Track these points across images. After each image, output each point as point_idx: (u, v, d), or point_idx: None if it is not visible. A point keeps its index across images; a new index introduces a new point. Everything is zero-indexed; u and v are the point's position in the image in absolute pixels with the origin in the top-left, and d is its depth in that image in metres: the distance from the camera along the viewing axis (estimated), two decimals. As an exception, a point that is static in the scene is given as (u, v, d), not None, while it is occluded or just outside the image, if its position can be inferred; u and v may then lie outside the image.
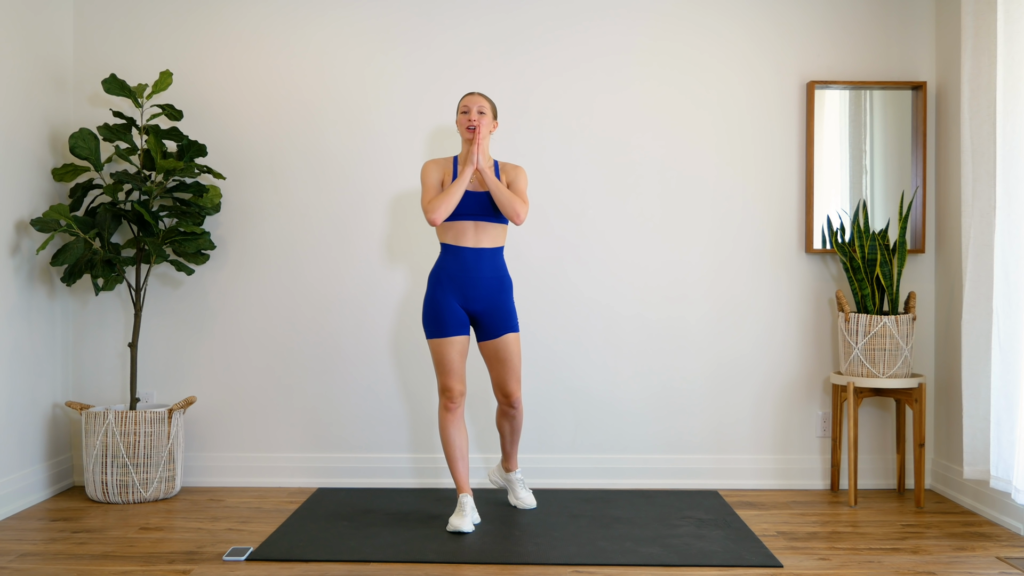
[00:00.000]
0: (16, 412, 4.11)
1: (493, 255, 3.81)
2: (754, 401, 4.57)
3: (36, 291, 4.26)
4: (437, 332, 3.76)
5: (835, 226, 4.49)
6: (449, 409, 3.78)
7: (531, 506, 4.06)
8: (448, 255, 3.79)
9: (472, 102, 3.80)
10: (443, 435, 3.80)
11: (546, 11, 4.55)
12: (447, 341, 3.74)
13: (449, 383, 3.76)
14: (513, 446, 4.04)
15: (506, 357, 3.82)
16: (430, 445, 4.53)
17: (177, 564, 3.34)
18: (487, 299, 3.78)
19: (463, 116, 3.80)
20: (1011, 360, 3.66)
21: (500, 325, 3.80)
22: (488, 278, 3.79)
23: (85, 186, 4.33)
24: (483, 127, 3.77)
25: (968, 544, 3.64)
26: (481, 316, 3.80)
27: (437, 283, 3.78)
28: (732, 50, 4.55)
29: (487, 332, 3.82)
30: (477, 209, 3.74)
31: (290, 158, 4.56)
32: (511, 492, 4.10)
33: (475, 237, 3.77)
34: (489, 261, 3.79)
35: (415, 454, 4.54)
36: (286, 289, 4.56)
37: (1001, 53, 3.68)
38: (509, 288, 3.85)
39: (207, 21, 4.57)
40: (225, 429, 4.56)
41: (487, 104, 3.83)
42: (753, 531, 3.77)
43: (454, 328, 3.75)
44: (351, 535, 3.67)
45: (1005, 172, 3.69)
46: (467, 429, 4.02)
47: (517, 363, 3.85)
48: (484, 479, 4.44)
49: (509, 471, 4.10)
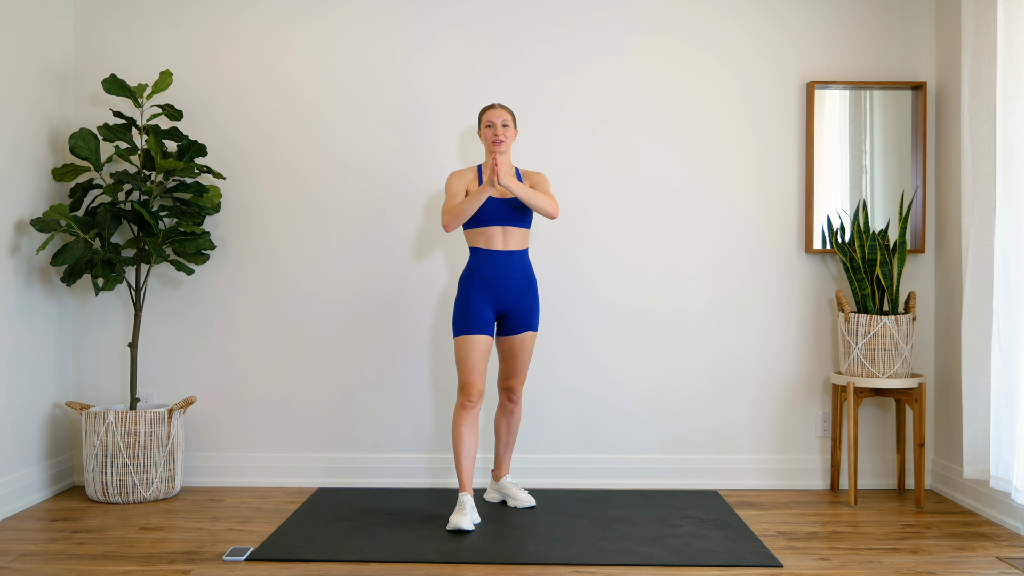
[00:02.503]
0: (16, 412, 4.11)
1: (522, 257, 3.95)
2: (754, 401, 4.57)
3: (36, 291, 4.26)
4: (465, 330, 3.86)
5: (835, 226, 4.49)
6: (466, 407, 3.83)
7: (530, 503, 4.09)
8: (479, 259, 3.91)
9: (496, 116, 3.92)
10: (456, 432, 3.84)
11: (547, 10, 4.55)
12: (473, 339, 3.84)
13: (471, 378, 3.83)
14: (507, 450, 4.13)
15: (520, 352, 3.98)
16: (430, 445, 4.53)
17: (177, 564, 3.34)
18: (516, 298, 3.93)
19: (487, 130, 3.93)
20: (1011, 360, 3.66)
21: (524, 322, 3.96)
22: (518, 278, 3.93)
23: (85, 186, 4.33)
24: (508, 141, 3.91)
25: (968, 544, 3.64)
26: (509, 314, 3.94)
27: (470, 285, 3.90)
28: (732, 50, 4.55)
29: (510, 328, 3.95)
30: (504, 215, 3.88)
31: (290, 158, 4.56)
32: (508, 496, 4.14)
33: (504, 240, 3.90)
34: (519, 262, 3.94)
35: (415, 454, 4.54)
36: (286, 289, 4.56)
37: (1001, 53, 3.68)
38: (535, 287, 4.02)
39: (207, 21, 4.57)
40: (225, 429, 4.56)
41: (509, 116, 3.96)
42: (753, 531, 3.77)
43: (480, 327, 3.86)
44: (351, 535, 3.67)
45: (1005, 172, 3.69)
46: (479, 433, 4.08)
47: (527, 360, 4.01)
48: (484, 480, 4.43)
49: (499, 479, 4.16)
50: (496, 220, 3.89)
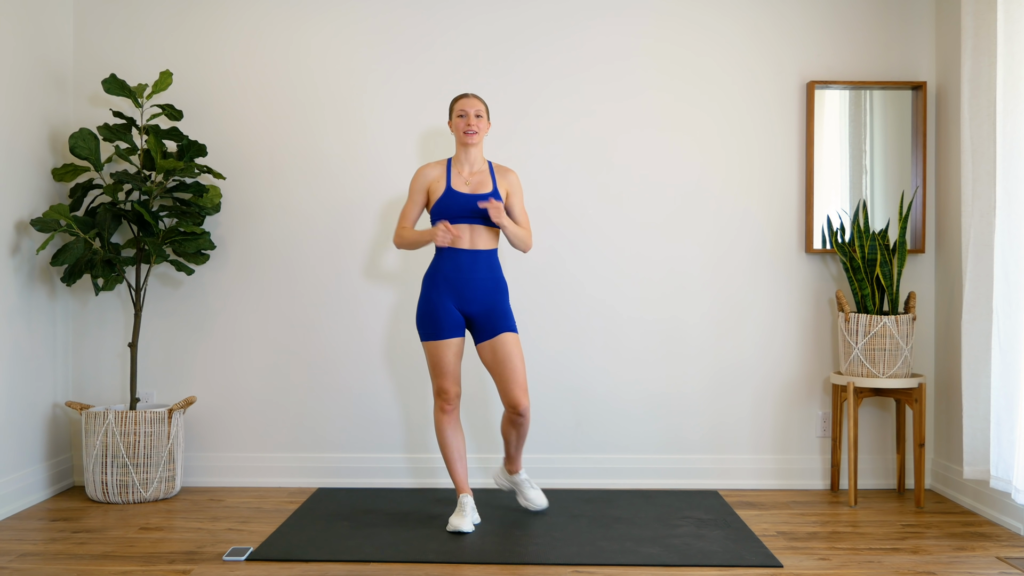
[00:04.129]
0: (16, 412, 4.11)
1: (488, 257, 3.80)
2: (754, 401, 4.57)
3: (36, 291, 4.26)
4: (432, 335, 3.75)
5: (835, 226, 4.49)
6: (445, 411, 3.78)
7: (542, 505, 3.97)
8: (443, 257, 3.78)
9: (469, 106, 3.80)
10: (440, 437, 3.80)
11: (547, 12, 4.55)
12: (442, 344, 3.74)
13: (445, 385, 3.76)
14: (518, 451, 3.96)
15: (505, 357, 3.73)
16: (430, 445, 4.53)
17: (177, 564, 3.34)
18: (483, 300, 3.77)
19: (460, 120, 3.80)
20: (1011, 360, 3.66)
21: (496, 325, 3.76)
22: (483, 279, 3.77)
23: (85, 186, 4.33)
24: (480, 132, 3.80)
25: (968, 544, 3.64)
26: (477, 318, 3.78)
27: (432, 285, 3.78)
28: (732, 50, 4.55)
29: (484, 333, 3.78)
30: (472, 212, 3.74)
31: (290, 158, 4.56)
32: (519, 494, 4.03)
33: (471, 239, 3.76)
34: (485, 262, 3.78)
35: (415, 454, 4.54)
36: (286, 289, 4.56)
37: (1001, 53, 3.68)
38: (504, 289, 3.84)
39: (207, 21, 4.57)
40: (225, 429, 4.56)
41: (483, 107, 3.83)
42: (753, 531, 3.77)
43: (449, 330, 3.74)
44: (351, 535, 3.67)
45: (1005, 172, 3.69)
46: (463, 430, 4.00)
47: (519, 365, 3.74)
48: (483, 479, 4.43)
49: (514, 473, 4.03)
50: (464, 217, 3.73)
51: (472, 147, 3.81)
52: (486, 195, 3.75)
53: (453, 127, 3.84)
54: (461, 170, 3.83)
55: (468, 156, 3.83)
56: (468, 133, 3.77)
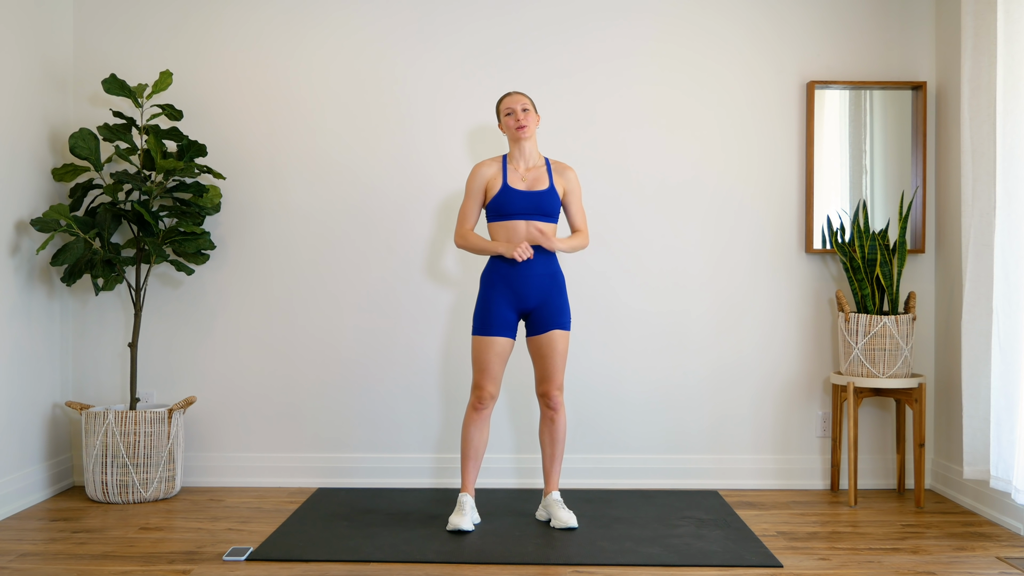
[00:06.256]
0: (16, 412, 4.11)
1: (546, 252, 3.79)
2: (754, 401, 4.57)
3: (36, 291, 4.26)
4: (482, 330, 3.74)
5: (835, 226, 4.49)
6: (477, 409, 3.76)
7: (572, 525, 3.76)
8: (501, 256, 3.76)
9: (515, 102, 3.79)
10: (465, 431, 3.79)
11: (548, 14, 4.55)
12: (489, 340, 3.73)
13: (482, 382, 3.74)
14: (553, 463, 3.86)
15: (549, 352, 3.76)
16: (430, 445, 4.53)
17: (177, 564, 3.34)
18: (539, 296, 3.76)
19: (508, 118, 3.79)
20: (1011, 360, 3.66)
21: (550, 320, 3.76)
22: (540, 275, 3.77)
23: (85, 186, 4.33)
24: (531, 125, 3.78)
25: (968, 544, 3.64)
26: (533, 312, 3.79)
27: (490, 285, 3.78)
28: (732, 50, 4.55)
29: (536, 327, 3.78)
30: (529, 208, 3.74)
31: (290, 158, 4.56)
32: (551, 516, 3.83)
33: (528, 235, 3.76)
34: (541, 259, 3.78)
35: (415, 454, 4.54)
36: (286, 289, 4.56)
37: (1001, 53, 3.68)
38: (561, 283, 3.82)
39: (207, 21, 4.56)
40: (225, 429, 4.56)
41: (528, 101, 3.82)
42: (753, 531, 3.77)
43: (499, 329, 3.73)
44: (351, 535, 3.67)
45: (1005, 172, 3.69)
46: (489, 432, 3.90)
47: (560, 362, 3.78)
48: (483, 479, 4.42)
49: (547, 494, 3.88)
50: (521, 214, 3.74)
51: (525, 141, 3.79)
52: (542, 192, 3.75)
53: (504, 127, 3.83)
54: (517, 166, 3.82)
55: (523, 151, 3.81)
56: (519, 128, 3.76)
